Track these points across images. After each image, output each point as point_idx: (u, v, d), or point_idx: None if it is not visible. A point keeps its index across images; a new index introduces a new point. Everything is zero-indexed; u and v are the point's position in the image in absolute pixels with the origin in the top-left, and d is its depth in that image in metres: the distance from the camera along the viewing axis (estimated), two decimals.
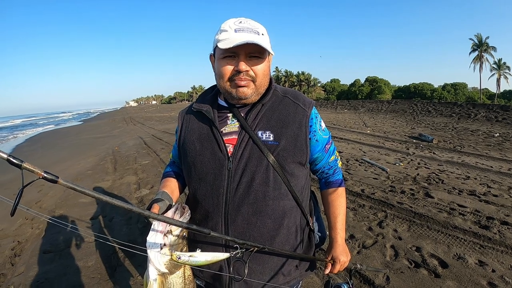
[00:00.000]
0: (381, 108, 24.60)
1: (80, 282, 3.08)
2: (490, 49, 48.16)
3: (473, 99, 40.30)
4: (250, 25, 1.08)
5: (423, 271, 2.93)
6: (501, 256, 3.11)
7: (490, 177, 5.93)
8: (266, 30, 1.14)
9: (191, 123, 1.25)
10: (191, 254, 0.92)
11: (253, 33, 1.07)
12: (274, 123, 1.14)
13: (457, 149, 9.16)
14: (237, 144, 1.12)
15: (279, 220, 1.16)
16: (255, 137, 1.11)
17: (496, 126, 13.48)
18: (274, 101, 1.19)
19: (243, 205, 1.11)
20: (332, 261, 1.33)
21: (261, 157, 1.10)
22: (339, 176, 1.34)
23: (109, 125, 27.49)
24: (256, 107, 1.16)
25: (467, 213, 4.12)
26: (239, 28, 1.06)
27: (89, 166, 8.68)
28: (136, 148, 11.31)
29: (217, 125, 1.16)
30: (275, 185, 1.12)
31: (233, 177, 1.11)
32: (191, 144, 1.20)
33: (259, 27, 1.10)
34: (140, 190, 5.82)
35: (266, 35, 1.12)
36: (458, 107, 18.55)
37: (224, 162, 1.12)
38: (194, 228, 0.91)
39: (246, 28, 1.07)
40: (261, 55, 1.10)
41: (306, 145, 1.16)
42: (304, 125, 1.16)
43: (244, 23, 1.08)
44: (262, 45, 1.04)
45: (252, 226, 1.13)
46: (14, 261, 3.60)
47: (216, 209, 1.13)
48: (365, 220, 4.09)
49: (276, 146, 1.11)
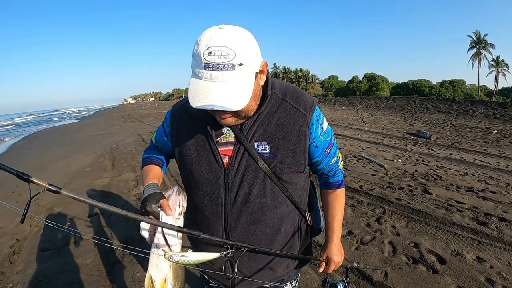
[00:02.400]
0: (379, 104, 24.61)
1: (79, 279, 3.08)
2: (488, 46, 48.17)
3: (471, 96, 40.28)
4: (221, 57, 0.87)
5: (421, 267, 2.94)
6: (499, 253, 3.12)
7: (488, 173, 5.95)
8: (250, 41, 0.93)
9: (188, 125, 1.17)
10: (182, 254, 0.94)
11: (225, 70, 0.88)
12: (271, 132, 1.07)
13: (455, 145, 9.18)
14: (232, 156, 1.08)
15: (277, 227, 1.17)
16: (251, 149, 1.07)
17: (494, 123, 13.52)
18: (272, 107, 1.09)
19: (241, 216, 1.11)
20: (326, 261, 1.33)
21: (257, 170, 1.07)
22: (340, 177, 1.31)
23: (107, 122, 27.39)
24: (252, 117, 1.08)
25: (465, 209, 4.13)
26: (208, 64, 0.88)
27: (87, 164, 8.66)
28: (134, 145, 11.28)
29: (213, 136, 1.10)
30: (272, 195, 1.11)
31: (230, 189, 1.09)
32: (187, 151, 1.15)
33: (233, 52, 0.87)
34: (139, 187, 5.81)
35: (247, 57, 0.90)
36: (456, 104, 18.58)
37: (221, 174, 1.09)
38: (184, 231, 0.93)
39: (215, 65, 0.87)
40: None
41: (305, 155, 1.11)
42: (303, 133, 1.09)
43: (214, 55, 0.87)
44: (230, 108, 0.90)
45: (252, 234, 1.14)
46: (12, 259, 3.60)
47: (216, 218, 1.14)
48: (363, 216, 4.10)
49: (272, 159, 1.07)
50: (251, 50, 0.92)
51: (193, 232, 0.93)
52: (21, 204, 5.34)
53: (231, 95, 0.89)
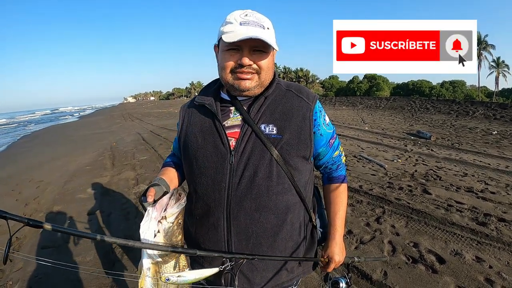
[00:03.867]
0: (379, 105, 24.62)
1: (79, 277, 3.08)
2: (489, 47, 48.15)
3: (472, 97, 40.25)
4: (255, 18, 1.07)
5: (421, 267, 2.94)
6: (498, 253, 3.12)
7: (488, 174, 5.95)
8: (272, 24, 1.13)
9: (194, 116, 1.23)
10: (179, 275, 0.90)
11: (258, 27, 1.05)
12: (278, 116, 1.12)
13: (455, 146, 9.19)
14: (239, 138, 1.10)
15: (282, 216, 1.14)
16: (258, 130, 1.09)
17: (494, 123, 13.54)
18: (278, 94, 1.17)
19: (245, 200, 1.08)
20: (327, 259, 1.29)
21: (264, 151, 1.08)
22: (343, 172, 1.32)
23: (107, 121, 27.41)
24: (259, 100, 1.14)
25: (464, 209, 4.14)
26: (244, 21, 1.05)
27: (87, 162, 8.66)
28: (134, 144, 11.29)
29: (220, 118, 1.14)
30: (278, 179, 1.10)
31: (235, 171, 1.08)
32: (193, 137, 1.18)
33: (265, 20, 1.09)
34: (139, 186, 5.81)
35: (272, 29, 1.11)
36: (457, 105, 18.60)
37: (226, 156, 1.09)
38: (179, 251, 0.90)
39: (252, 22, 1.05)
40: (265, 50, 1.09)
41: (310, 139, 1.14)
42: (308, 119, 1.14)
43: (250, 16, 1.07)
44: (266, 40, 1.03)
45: (255, 222, 1.10)
46: (12, 257, 3.60)
47: (218, 204, 1.11)
48: (363, 216, 4.10)
49: (279, 140, 1.09)
50: (273, 28, 1.13)
51: (188, 251, 0.92)
52: (21, 201, 5.34)
53: (265, 35, 1.05)
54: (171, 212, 0.94)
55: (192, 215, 1.20)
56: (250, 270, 1.14)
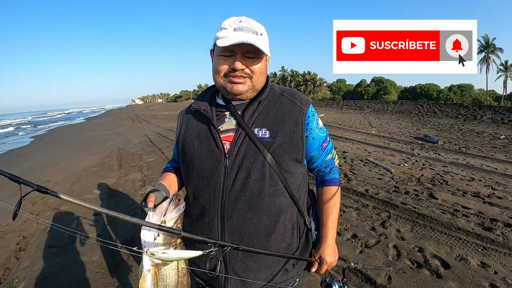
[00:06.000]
0: (386, 108, 24.52)
1: (84, 277, 3.12)
2: (497, 51, 47.77)
3: (480, 101, 39.89)
4: (249, 25, 1.11)
5: (425, 272, 2.93)
6: (504, 258, 3.10)
7: (495, 179, 5.90)
8: (266, 31, 1.17)
9: (190, 122, 1.28)
10: (164, 251, 0.93)
11: (251, 33, 1.09)
12: (271, 121, 1.16)
13: (462, 150, 9.12)
14: (233, 141, 1.14)
15: (275, 217, 1.16)
16: (251, 134, 1.13)
17: (502, 128, 13.40)
18: (271, 99, 1.21)
19: (239, 201, 1.12)
20: (319, 261, 1.30)
21: (257, 154, 1.12)
22: (336, 174, 1.34)
23: (115, 122, 27.61)
24: (253, 104, 1.18)
25: (470, 214, 4.11)
26: (238, 27, 1.09)
27: (95, 163, 8.75)
28: (141, 145, 11.36)
29: (215, 123, 1.18)
30: (271, 182, 1.13)
31: (229, 173, 1.13)
32: (190, 142, 1.23)
33: (258, 27, 1.13)
34: (145, 187, 5.85)
35: (265, 35, 1.15)
36: (464, 109, 18.43)
37: (221, 158, 1.14)
38: (165, 229, 0.93)
39: (245, 28, 1.09)
40: (258, 55, 1.13)
41: (302, 142, 1.17)
42: (300, 123, 1.17)
43: (244, 23, 1.11)
44: (258, 46, 1.07)
45: (248, 222, 1.14)
46: (19, 255, 3.65)
47: (212, 205, 1.15)
48: (368, 220, 4.09)
49: (272, 143, 1.13)
50: (266, 34, 1.17)
51: (174, 230, 0.94)
52: (28, 201, 5.41)
53: (257, 40, 1.09)
54: (170, 217, 0.99)
55: (188, 216, 1.23)
56: (244, 270, 1.17)
